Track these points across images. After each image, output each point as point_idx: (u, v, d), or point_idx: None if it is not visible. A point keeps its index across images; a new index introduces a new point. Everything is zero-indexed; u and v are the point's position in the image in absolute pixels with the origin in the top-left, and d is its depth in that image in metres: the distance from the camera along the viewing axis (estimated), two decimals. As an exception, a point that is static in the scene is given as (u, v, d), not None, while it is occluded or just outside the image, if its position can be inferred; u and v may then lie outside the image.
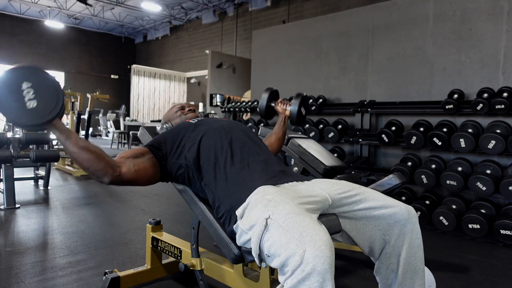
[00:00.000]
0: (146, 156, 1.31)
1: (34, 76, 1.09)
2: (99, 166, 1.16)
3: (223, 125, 1.41)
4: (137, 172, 1.25)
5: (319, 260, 0.82)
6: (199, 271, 1.57)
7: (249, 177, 1.21)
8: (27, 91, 1.07)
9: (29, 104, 1.07)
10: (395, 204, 1.15)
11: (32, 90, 1.08)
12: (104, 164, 1.17)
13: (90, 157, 1.15)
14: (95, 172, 1.17)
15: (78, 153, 1.15)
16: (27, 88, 1.07)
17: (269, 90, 1.95)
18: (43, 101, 1.09)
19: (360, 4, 5.84)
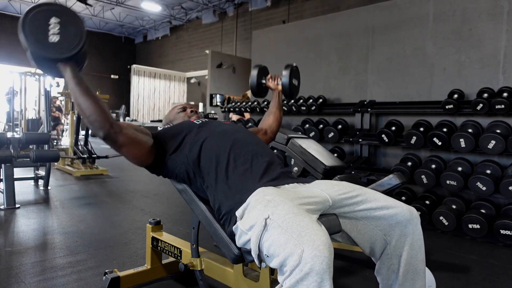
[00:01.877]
0: (146, 136, 1.34)
1: (64, 15, 1.14)
2: (99, 117, 1.17)
3: (226, 129, 1.42)
4: (132, 140, 1.27)
5: (317, 260, 0.82)
6: (199, 271, 1.57)
7: (251, 179, 1.21)
8: (53, 25, 1.11)
9: (51, 37, 1.11)
10: (397, 204, 1.15)
11: (59, 26, 1.12)
12: (105, 117, 1.18)
13: (94, 106, 1.17)
14: (94, 122, 1.17)
15: (85, 99, 1.17)
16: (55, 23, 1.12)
17: (258, 67, 1.91)
18: (66, 40, 1.13)
19: (360, 4, 5.84)
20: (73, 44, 1.15)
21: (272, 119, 1.86)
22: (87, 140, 5.88)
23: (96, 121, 1.18)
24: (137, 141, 1.29)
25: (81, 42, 1.16)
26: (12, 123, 6.61)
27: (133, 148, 1.28)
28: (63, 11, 1.14)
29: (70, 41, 1.14)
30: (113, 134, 1.21)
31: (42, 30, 1.10)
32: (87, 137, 5.94)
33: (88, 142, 5.86)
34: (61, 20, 1.13)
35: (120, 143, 1.24)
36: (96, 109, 1.17)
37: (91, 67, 16.25)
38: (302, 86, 5.31)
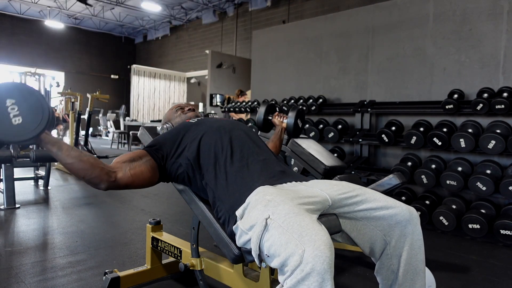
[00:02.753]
0: (143, 159, 1.31)
1: (16, 93, 1.09)
2: (93, 174, 1.17)
3: (223, 124, 1.41)
4: (133, 176, 1.25)
5: (318, 260, 0.82)
6: (199, 271, 1.57)
7: (249, 177, 1.21)
8: (11, 108, 1.07)
9: (14, 120, 1.07)
10: (396, 205, 1.15)
11: (16, 106, 1.08)
12: (99, 172, 1.18)
13: (84, 166, 1.16)
14: (90, 180, 1.18)
15: (71, 163, 1.16)
16: (11, 104, 1.08)
17: (266, 104, 2.03)
18: (29, 117, 1.09)
19: (360, 4, 5.84)
20: (38, 120, 1.11)
21: (271, 146, 1.92)
22: (87, 140, 5.88)
23: (92, 178, 1.18)
24: (138, 173, 1.27)
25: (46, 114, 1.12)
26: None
27: (138, 181, 1.28)
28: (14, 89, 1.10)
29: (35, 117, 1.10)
30: (113, 183, 1.21)
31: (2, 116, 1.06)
32: (87, 137, 5.94)
33: (88, 142, 5.87)
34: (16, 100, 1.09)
35: (124, 185, 1.24)
36: (86, 168, 1.16)
37: (91, 67, 16.25)
38: (302, 86, 5.32)
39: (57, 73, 14.26)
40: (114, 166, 1.24)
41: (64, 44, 15.35)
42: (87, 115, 5.95)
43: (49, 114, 1.13)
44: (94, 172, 1.17)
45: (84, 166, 1.16)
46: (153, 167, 1.32)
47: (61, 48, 15.33)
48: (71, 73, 15.55)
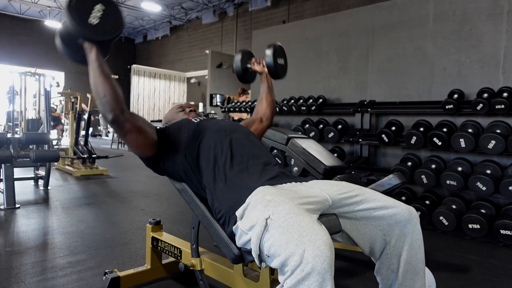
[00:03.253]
0: (152, 130, 1.38)
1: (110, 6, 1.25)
2: (112, 100, 1.21)
3: (224, 126, 1.42)
4: (138, 129, 1.30)
5: (318, 260, 0.82)
6: (199, 271, 1.57)
7: (249, 179, 1.21)
8: (97, 11, 1.23)
9: (91, 20, 1.22)
10: (396, 204, 1.15)
11: (102, 12, 1.23)
12: (117, 102, 1.22)
13: (110, 89, 1.22)
14: (106, 103, 1.21)
15: (102, 80, 1.22)
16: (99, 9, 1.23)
17: (241, 52, 1.88)
18: (103, 26, 1.24)
19: (360, 4, 5.84)
20: (109, 32, 1.25)
21: (265, 105, 1.82)
22: (87, 140, 5.88)
23: (108, 103, 1.21)
24: (142, 131, 1.32)
25: (115, 33, 1.27)
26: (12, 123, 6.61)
27: (137, 137, 1.31)
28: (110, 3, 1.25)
29: (107, 28, 1.25)
30: (122, 120, 1.24)
31: (85, 11, 1.20)
32: (87, 137, 5.94)
33: (88, 142, 5.87)
34: (105, 9, 1.23)
35: (126, 129, 1.27)
36: (111, 92, 1.21)
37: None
38: (302, 86, 5.32)
39: (57, 73, 14.25)
40: (130, 112, 1.29)
41: (64, 44, 15.33)
42: (87, 115, 5.95)
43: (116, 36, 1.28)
44: (114, 99, 1.21)
45: (110, 89, 1.21)
46: (153, 142, 1.37)
47: (61, 48, 15.30)
48: (71, 73, 15.55)
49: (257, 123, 1.79)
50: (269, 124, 1.83)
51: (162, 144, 1.40)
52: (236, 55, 1.88)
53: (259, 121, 1.80)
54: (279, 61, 1.81)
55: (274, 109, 1.85)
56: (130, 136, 1.29)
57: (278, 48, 1.82)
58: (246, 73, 1.87)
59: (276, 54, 1.79)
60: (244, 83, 1.93)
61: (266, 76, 1.84)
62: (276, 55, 1.79)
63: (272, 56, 1.77)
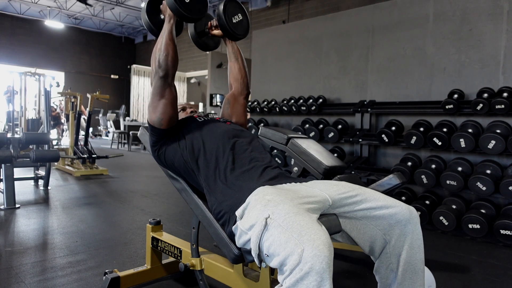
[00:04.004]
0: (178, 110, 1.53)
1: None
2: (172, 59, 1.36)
3: (228, 130, 1.43)
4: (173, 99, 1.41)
5: (317, 259, 0.82)
6: (199, 271, 1.57)
7: (249, 179, 1.22)
8: None
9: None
10: (396, 204, 1.15)
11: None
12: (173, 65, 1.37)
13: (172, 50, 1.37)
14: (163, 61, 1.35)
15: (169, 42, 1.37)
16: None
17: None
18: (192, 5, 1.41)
19: (360, 4, 5.84)
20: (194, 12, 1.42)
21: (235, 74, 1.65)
22: (87, 140, 5.88)
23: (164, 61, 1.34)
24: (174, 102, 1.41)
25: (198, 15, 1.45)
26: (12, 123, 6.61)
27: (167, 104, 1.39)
28: None
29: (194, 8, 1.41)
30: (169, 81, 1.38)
31: None
32: (87, 137, 5.94)
33: (88, 142, 5.87)
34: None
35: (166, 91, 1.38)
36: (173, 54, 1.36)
37: (91, 67, 16.25)
38: (302, 86, 5.31)
39: (57, 73, 14.27)
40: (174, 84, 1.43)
41: (64, 44, 15.35)
42: (87, 115, 5.95)
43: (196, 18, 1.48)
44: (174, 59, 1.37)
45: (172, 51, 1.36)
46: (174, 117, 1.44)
47: (61, 48, 15.33)
48: (71, 73, 15.55)
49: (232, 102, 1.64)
50: (245, 96, 1.66)
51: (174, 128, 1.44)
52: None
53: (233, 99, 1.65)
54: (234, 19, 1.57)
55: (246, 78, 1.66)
56: (164, 99, 1.37)
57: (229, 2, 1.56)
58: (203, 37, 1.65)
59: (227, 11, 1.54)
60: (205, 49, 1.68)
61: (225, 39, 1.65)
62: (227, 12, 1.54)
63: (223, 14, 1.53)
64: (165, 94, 1.37)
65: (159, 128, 1.41)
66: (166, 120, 1.39)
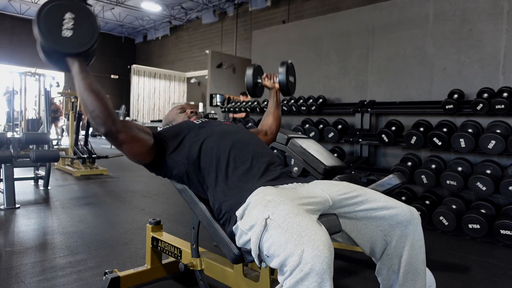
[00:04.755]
0: (147, 135, 1.34)
1: (80, 11, 1.16)
2: (102, 114, 1.18)
3: (226, 128, 1.41)
4: (132, 139, 1.27)
5: (317, 260, 0.82)
6: (199, 271, 1.57)
7: (250, 179, 1.21)
8: (68, 21, 1.14)
9: (65, 32, 1.13)
10: (397, 205, 1.15)
11: (73, 21, 1.15)
12: (107, 115, 1.19)
13: (97, 102, 1.17)
14: (96, 117, 1.18)
15: (88, 94, 1.17)
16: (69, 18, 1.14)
17: (253, 66, 1.89)
18: (78, 35, 1.15)
19: (360, 4, 5.84)
20: (85, 41, 1.17)
21: (272, 120, 1.85)
22: (87, 140, 5.88)
23: (99, 117, 1.18)
24: (137, 139, 1.29)
25: (92, 40, 1.18)
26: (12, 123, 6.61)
27: (133, 146, 1.28)
28: (79, 7, 1.16)
29: (82, 37, 1.16)
30: (114, 132, 1.21)
31: (56, 24, 1.12)
32: (87, 137, 5.94)
33: (88, 142, 5.87)
34: (76, 16, 1.15)
35: (121, 140, 1.24)
36: (99, 105, 1.17)
37: (91, 67, 16.19)
38: (302, 86, 5.31)
39: (57, 73, 14.25)
40: (122, 121, 1.26)
41: (64, 44, 15.34)
42: (87, 115, 5.94)
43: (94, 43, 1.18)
44: (103, 112, 1.18)
45: (97, 103, 1.17)
46: (150, 147, 1.34)
47: (61, 48, 15.31)
48: (71, 73, 15.53)
49: (262, 135, 1.81)
50: (273, 138, 1.85)
51: (161, 148, 1.37)
52: (248, 69, 1.89)
53: (264, 133, 1.82)
54: (290, 79, 1.84)
55: (279, 124, 1.88)
56: (125, 146, 1.26)
57: (290, 65, 1.86)
58: (256, 87, 1.90)
59: (288, 72, 1.82)
60: (253, 96, 1.95)
61: (276, 92, 1.86)
62: (288, 72, 1.82)
63: (285, 73, 1.80)
64: (121, 142, 1.25)
65: (144, 164, 1.38)
66: (143, 157, 1.34)
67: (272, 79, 1.86)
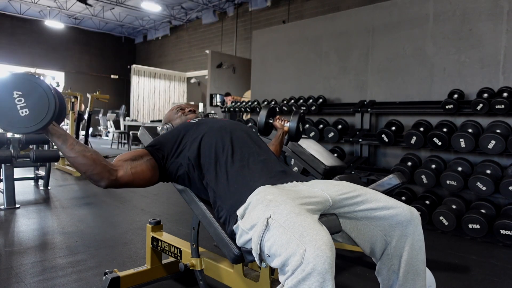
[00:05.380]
0: (144, 158, 1.31)
1: (23, 85, 1.09)
2: (95, 171, 1.17)
3: (224, 124, 1.41)
4: (134, 175, 1.25)
5: (319, 260, 0.82)
6: (199, 271, 1.57)
7: (250, 177, 1.21)
8: (18, 99, 1.08)
9: (21, 112, 1.08)
10: (397, 205, 1.15)
11: (23, 98, 1.08)
12: (101, 169, 1.17)
13: (86, 161, 1.16)
14: (91, 176, 1.17)
15: (74, 157, 1.15)
16: (18, 96, 1.08)
17: (268, 107, 1.99)
18: (35, 109, 1.09)
19: (360, 4, 5.84)
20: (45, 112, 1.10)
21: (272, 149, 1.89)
22: (87, 140, 5.88)
23: (94, 174, 1.17)
24: (138, 172, 1.27)
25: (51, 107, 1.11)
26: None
27: (139, 180, 1.27)
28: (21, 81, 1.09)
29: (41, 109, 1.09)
30: (114, 181, 1.21)
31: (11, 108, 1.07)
32: (87, 137, 5.94)
33: (88, 142, 5.86)
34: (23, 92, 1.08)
35: (124, 183, 1.24)
36: (89, 163, 1.16)
37: (91, 67, 16.24)
38: (302, 86, 5.31)
39: (57, 73, 14.27)
40: (116, 164, 1.24)
41: (64, 44, 15.34)
42: (87, 115, 5.95)
43: (55, 107, 1.11)
44: (96, 168, 1.17)
45: (86, 162, 1.16)
46: (153, 167, 1.32)
47: (61, 48, 15.32)
48: (71, 73, 15.55)
49: None
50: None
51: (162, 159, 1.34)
52: (263, 110, 1.99)
53: None
54: (299, 126, 1.96)
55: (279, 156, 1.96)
56: (131, 184, 1.26)
57: (302, 115, 1.98)
58: (266, 126, 2.00)
59: (299, 121, 1.94)
60: (262, 134, 2.04)
61: (282, 134, 1.96)
62: (299, 121, 1.94)
63: (297, 122, 1.92)
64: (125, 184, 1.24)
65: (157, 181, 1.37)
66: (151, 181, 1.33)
67: (283, 122, 1.98)
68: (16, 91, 1.08)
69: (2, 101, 1.07)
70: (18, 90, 1.08)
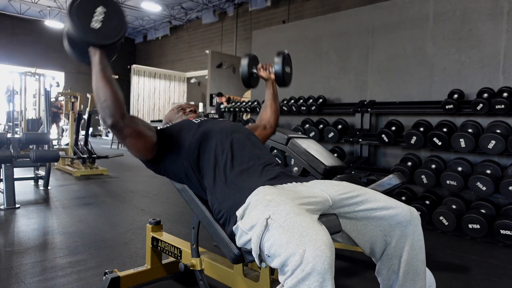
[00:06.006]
0: (151, 132, 1.36)
1: (111, 7, 1.21)
2: (112, 105, 1.18)
3: (225, 127, 1.41)
4: (137, 134, 1.28)
5: (319, 260, 0.82)
6: (199, 271, 1.57)
7: (249, 179, 1.21)
8: (99, 14, 1.19)
9: (94, 24, 1.18)
10: (397, 205, 1.15)
11: (104, 15, 1.19)
12: (118, 106, 1.20)
13: (111, 93, 1.18)
14: (106, 108, 1.19)
15: (103, 84, 1.19)
16: (100, 12, 1.19)
17: (248, 56, 1.86)
18: (106, 29, 1.20)
19: (360, 4, 5.84)
20: (112, 35, 1.21)
21: (270, 112, 1.82)
22: (87, 140, 5.88)
23: (109, 108, 1.18)
24: (142, 135, 1.30)
25: (119, 35, 1.22)
26: (12, 123, 6.61)
27: (137, 141, 1.30)
28: (111, 4, 1.21)
29: (110, 31, 1.20)
30: (121, 125, 1.22)
31: (87, 15, 1.17)
32: (87, 137, 5.94)
33: (88, 142, 5.86)
34: (107, 11, 1.19)
35: (125, 134, 1.26)
36: (112, 96, 1.18)
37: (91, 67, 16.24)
38: (302, 86, 5.31)
39: (57, 73, 14.26)
40: (130, 116, 1.27)
41: (64, 44, 15.34)
42: (87, 115, 5.95)
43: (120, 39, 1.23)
44: (114, 104, 1.18)
45: (110, 93, 1.18)
46: (153, 144, 1.36)
47: (61, 48, 15.19)
48: (71, 73, 15.55)
49: (261, 129, 1.79)
50: (272, 132, 1.83)
51: (162, 146, 1.39)
52: (243, 59, 1.85)
53: (263, 127, 1.80)
54: (286, 69, 1.81)
55: (278, 117, 1.84)
56: (129, 140, 1.28)
57: (286, 56, 1.82)
58: (251, 77, 1.85)
59: (284, 62, 1.79)
60: (248, 87, 1.91)
61: (272, 83, 1.83)
62: (284, 63, 1.79)
63: (281, 63, 1.76)
64: (126, 136, 1.26)
65: (146, 160, 1.39)
66: (146, 153, 1.36)
67: (268, 69, 1.82)
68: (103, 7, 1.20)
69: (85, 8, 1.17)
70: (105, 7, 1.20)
